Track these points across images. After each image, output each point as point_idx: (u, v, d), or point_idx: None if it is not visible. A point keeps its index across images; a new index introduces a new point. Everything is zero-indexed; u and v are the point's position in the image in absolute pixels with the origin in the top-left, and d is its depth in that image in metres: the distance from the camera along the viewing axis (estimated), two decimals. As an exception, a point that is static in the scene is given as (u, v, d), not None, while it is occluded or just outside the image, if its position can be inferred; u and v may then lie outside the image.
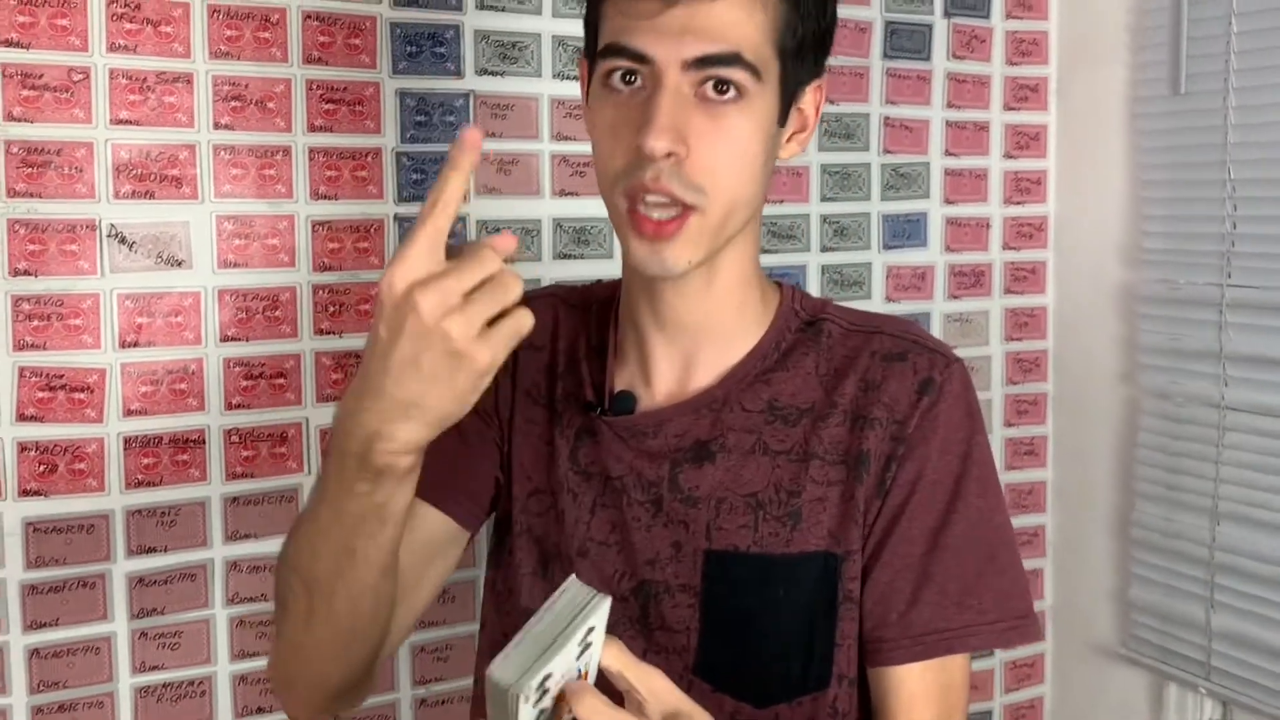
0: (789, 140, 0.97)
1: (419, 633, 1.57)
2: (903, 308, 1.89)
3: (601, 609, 0.70)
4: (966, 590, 0.95)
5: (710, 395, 0.98)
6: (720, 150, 0.88)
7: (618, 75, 0.90)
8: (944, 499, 0.95)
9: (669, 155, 0.87)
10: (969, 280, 1.96)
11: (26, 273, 1.33)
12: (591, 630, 0.70)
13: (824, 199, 1.82)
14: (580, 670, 0.71)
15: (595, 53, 0.93)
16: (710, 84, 0.88)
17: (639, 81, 0.89)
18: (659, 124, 0.86)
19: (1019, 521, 2.01)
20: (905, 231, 1.89)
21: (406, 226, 1.52)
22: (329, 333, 1.49)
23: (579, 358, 1.06)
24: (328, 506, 0.84)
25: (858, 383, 0.97)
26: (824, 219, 1.82)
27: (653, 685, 0.74)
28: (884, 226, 1.88)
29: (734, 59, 0.87)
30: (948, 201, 1.93)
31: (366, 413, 0.77)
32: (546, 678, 0.67)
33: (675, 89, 0.87)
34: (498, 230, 1.31)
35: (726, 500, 0.96)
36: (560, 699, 0.70)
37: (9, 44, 1.30)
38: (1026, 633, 0.97)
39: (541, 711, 0.69)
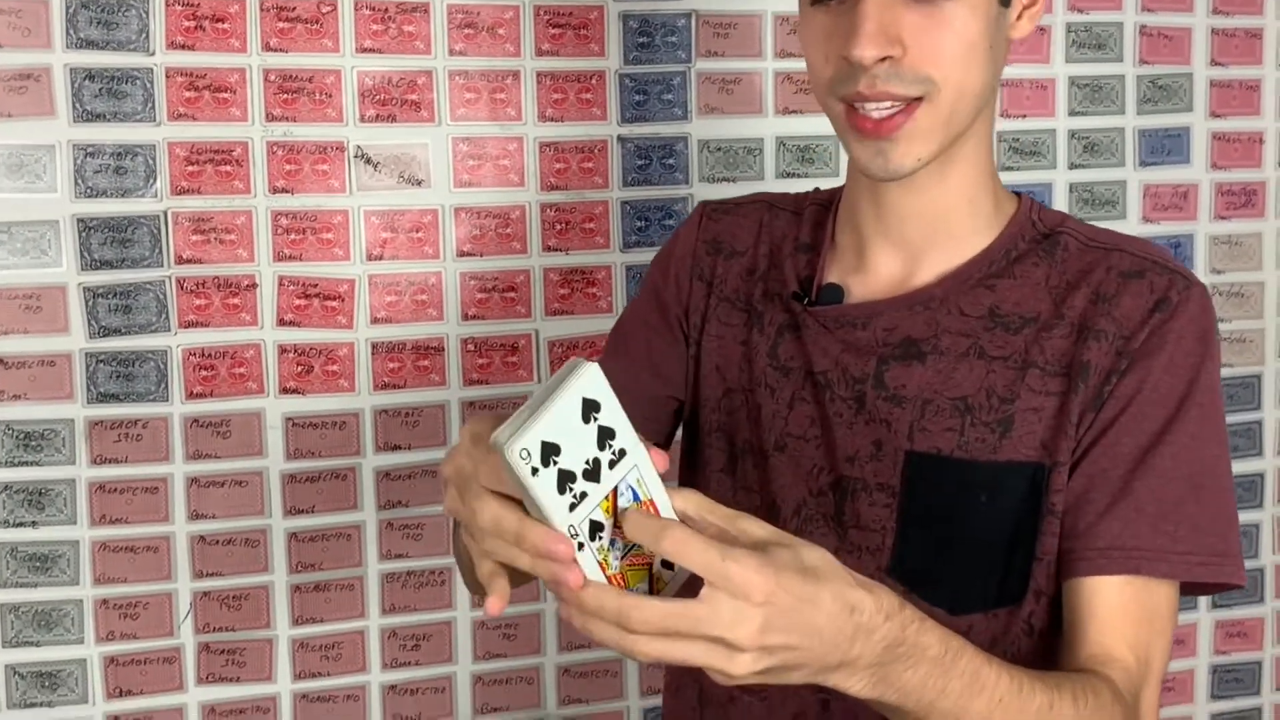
0: (1019, 18, 0.93)
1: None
2: (1161, 230, 1.78)
3: (587, 372, 0.67)
4: (1162, 515, 0.89)
5: (927, 293, 0.96)
6: (941, 41, 0.86)
7: None
8: (1159, 418, 0.90)
9: (883, 60, 0.86)
10: (1239, 200, 1.82)
11: (284, 190, 1.47)
12: (597, 411, 0.68)
13: (1072, 113, 1.73)
14: (635, 493, 0.70)
15: None
16: None
17: None
18: (865, 31, 0.85)
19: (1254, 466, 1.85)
20: (1164, 147, 1.78)
21: (629, 147, 1.57)
22: (556, 249, 1.56)
23: (784, 256, 1.05)
24: None
25: (1089, 295, 0.93)
26: (1072, 134, 1.74)
27: (742, 524, 0.72)
28: (1140, 142, 1.77)
29: None
30: (1214, 115, 1.79)
31: None
32: (552, 450, 0.66)
33: None
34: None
35: (934, 402, 0.94)
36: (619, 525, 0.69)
37: (268, -18, 1.44)
38: (1221, 571, 0.90)
39: (582, 507, 0.68)
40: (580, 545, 0.68)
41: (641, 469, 0.70)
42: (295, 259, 1.48)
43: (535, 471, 0.66)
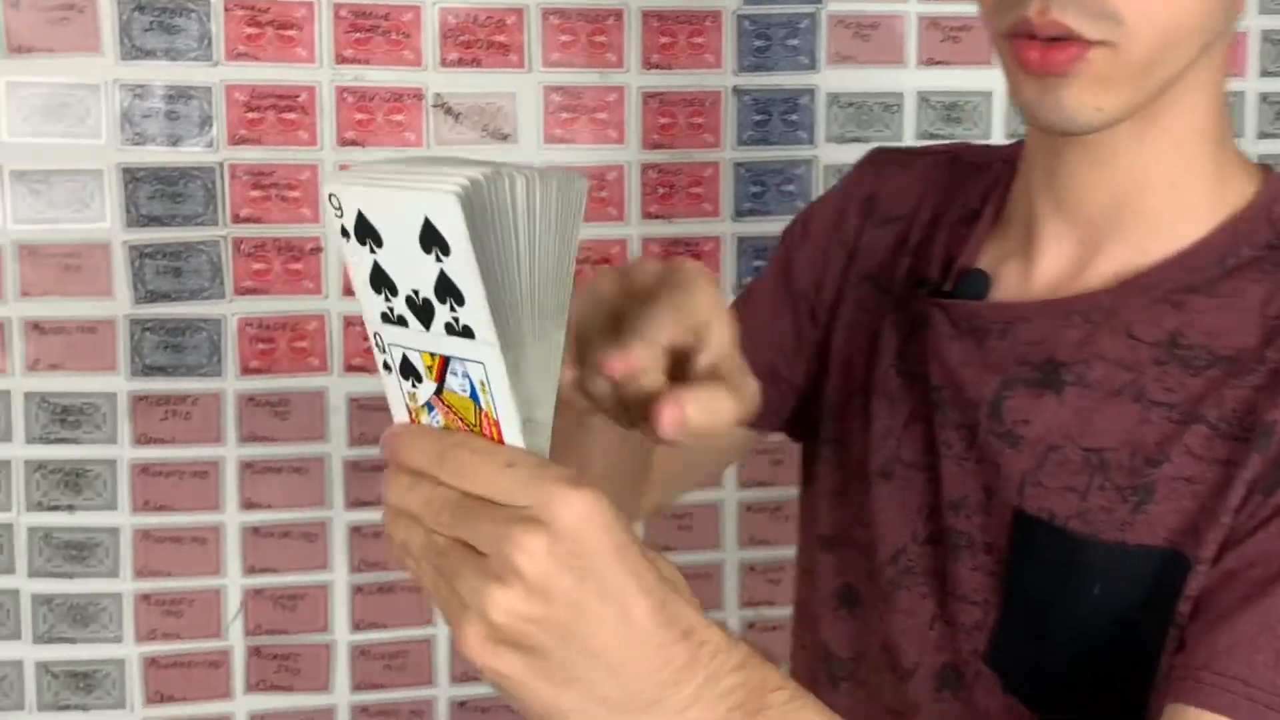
0: None
1: (753, 550, 1.45)
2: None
3: (451, 200, 0.48)
4: None
5: (1094, 301, 0.74)
6: None
7: None
8: None
9: None
10: None
11: (354, 143, 1.31)
12: (443, 250, 0.49)
13: (1264, 74, 1.50)
14: (474, 390, 0.53)
15: None
16: None
17: None
18: None
19: None
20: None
21: (746, 100, 1.38)
22: (657, 217, 1.38)
23: (940, 227, 0.85)
24: None
25: None
26: (1263, 97, 1.50)
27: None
28: (1346, 108, 1.52)
29: None
30: None
31: None
32: (369, 233, 0.50)
33: None
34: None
35: (1061, 450, 0.72)
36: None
37: (340, -96, 1.28)
38: None
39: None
40: (387, 366, 0.55)
41: (491, 377, 0.51)
42: (364, 220, 1.32)
43: (346, 235, 0.51)
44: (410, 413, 0.56)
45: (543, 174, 0.50)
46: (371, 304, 0.54)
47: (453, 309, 0.50)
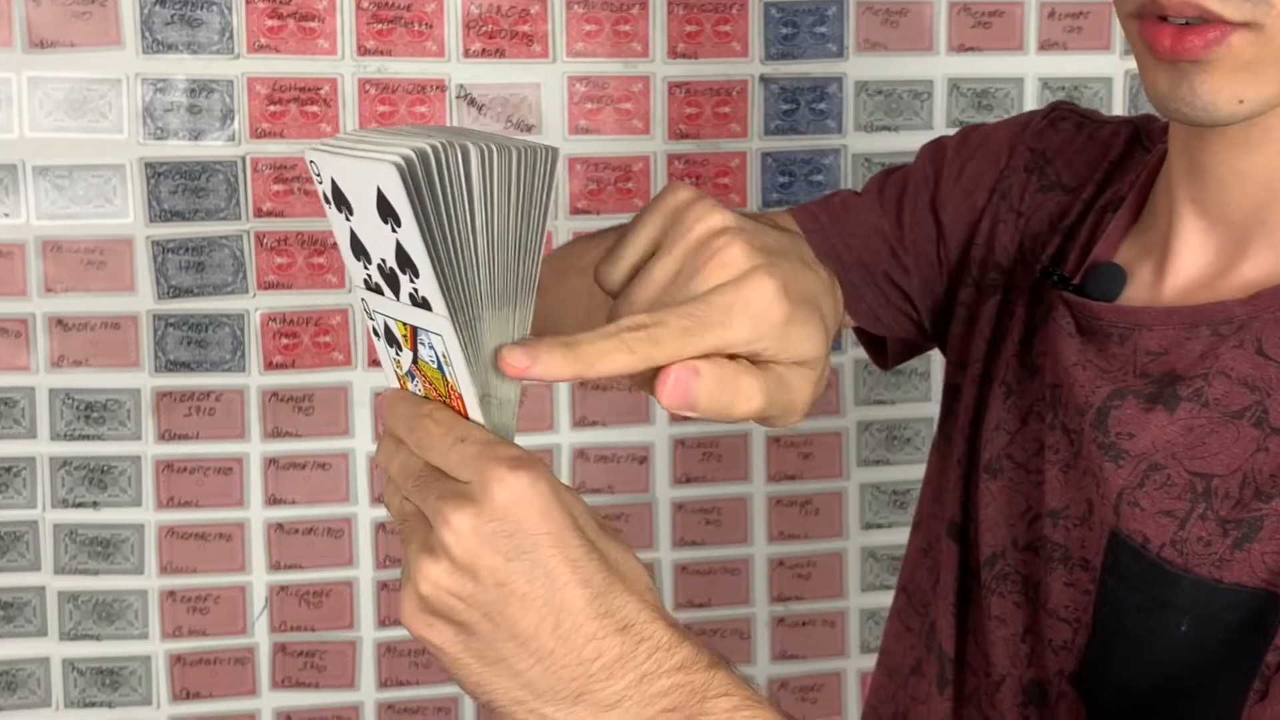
0: None
1: (782, 545, 1.43)
2: None
3: (389, 173, 0.46)
4: None
5: (1226, 311, 0.66)
6: None
7: None
8: None
9: None
10: None
11: (376, 135, 1.29)
12: (395, 221, 0.48)
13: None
14: (440, 363, 0.52)
15: None
16: None
17: None
18: None
19: None
20: None
21: (773, 89, 1.35)
22: (685, 207, 1.36)
23: (1093, 209, 0.78)
24: None
25: None
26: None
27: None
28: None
29: None
30: None
31: None
32: (343, 202, 0.49)
33: None
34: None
35: (1164, 470, 0.66)
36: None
37: (361, -106, 1.26)
38: None
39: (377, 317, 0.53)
40: (376, 333, 0.55)
41: (450, 349, 0.50)
42: (387, 213, 1.30)
43: (327, 201, 0.51)
44: (399, 380, 0.55)
45: (501, 145, 0.48)
46: (356, 271, 0.53)
47: (412, 280, 0.49)
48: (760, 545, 1.42)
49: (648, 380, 0.53)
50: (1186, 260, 0.70)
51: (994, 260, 0.82)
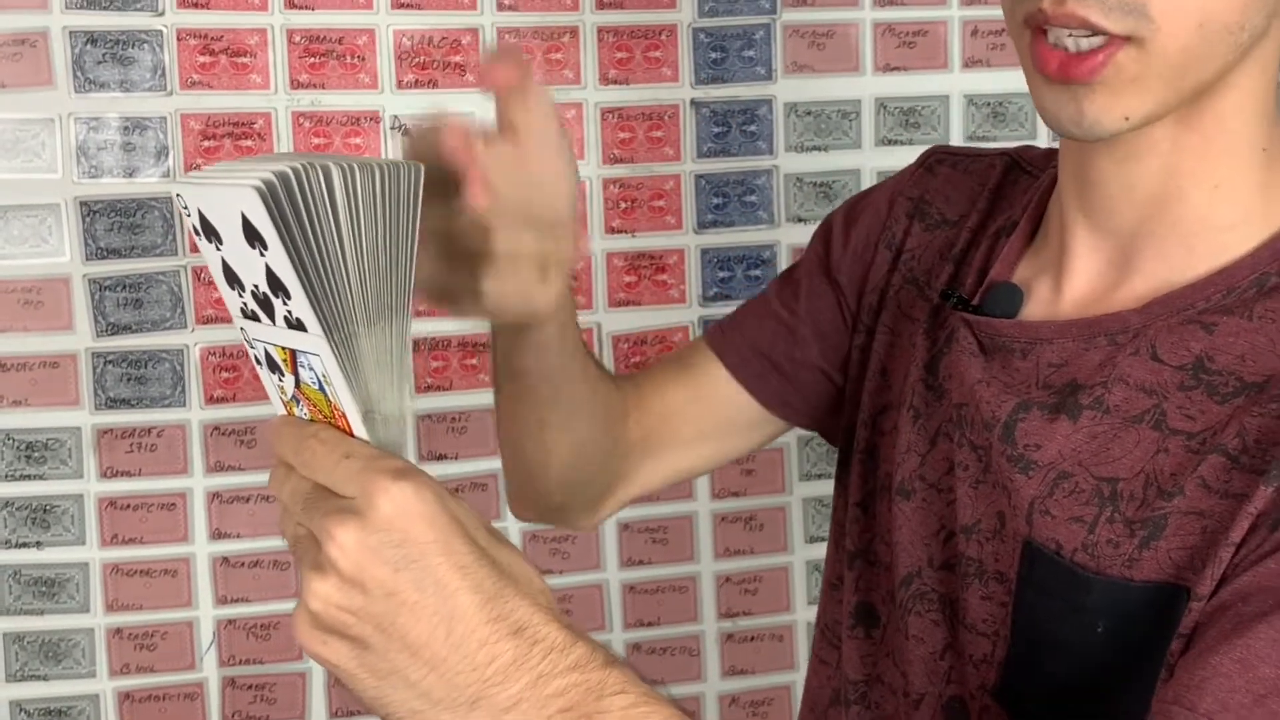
0: None
1: (728, 561, 1.44)
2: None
3: (250, 198, 0.47)
4: (1275, 689, 0.58)
5: (1121, 321, 0.68)
6: None
7: None
8: None
9: None
10: None
11: (312, 168, 1.30)
12: (262, 246, 0.49)
13: None
14: (321, 384, 0.53)
15: None
16: None
17: None
18: None
19: None
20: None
21: (704, 112, 1.37)
22: (620, 231, 1.37)
23: (984, 235, 0.80)
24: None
25: None
26: None
27: None
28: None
29: None
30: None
31: None
32: (212, 234, 0.50)
33: None
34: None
35: (1072, 478, 0.68)
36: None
37: (290, -70, 1.27)
38: None
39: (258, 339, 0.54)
40: (258, 361, 0.56)
41: (328, 369, 0.51)
42: (325, 245, 1.31)
43: (197, 233, 0.51)
44: (285, 406, 0.56)
45: (363, 164, 0.49)
46: (232, 301, 0.54)
47: (285, 302, 0.50)
48: (707, 562, 1.44)
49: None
50: (1081, 274, 0.72)
51: (885, 303, 0.84)
